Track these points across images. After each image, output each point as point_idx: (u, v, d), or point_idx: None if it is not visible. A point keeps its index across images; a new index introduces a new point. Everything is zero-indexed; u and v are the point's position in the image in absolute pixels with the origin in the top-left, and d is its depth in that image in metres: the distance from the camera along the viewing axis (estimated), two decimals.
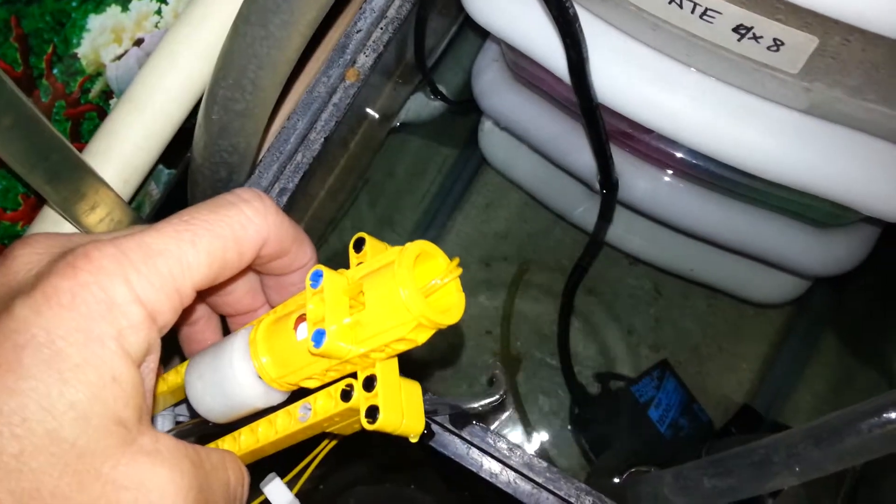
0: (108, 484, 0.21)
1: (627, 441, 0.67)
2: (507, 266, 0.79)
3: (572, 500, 0.39)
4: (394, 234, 0.76)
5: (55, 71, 0.43)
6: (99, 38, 0.44)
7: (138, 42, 0.47)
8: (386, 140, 0.62)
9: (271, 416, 0.28)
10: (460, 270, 0.24)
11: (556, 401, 0.75)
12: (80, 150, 0.44)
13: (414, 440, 0.27)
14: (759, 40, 0.38)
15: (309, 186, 0.50)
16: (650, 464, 0.59)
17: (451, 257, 0.25)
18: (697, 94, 0.45)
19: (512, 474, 0.40)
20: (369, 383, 0.25)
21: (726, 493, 0.42)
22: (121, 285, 0.22)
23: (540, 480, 0.39)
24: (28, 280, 0.22)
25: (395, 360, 0.26)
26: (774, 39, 0.38)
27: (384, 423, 0.25)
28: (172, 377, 0.31)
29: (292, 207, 0.48)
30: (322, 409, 0.26)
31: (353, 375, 0.26)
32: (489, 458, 0.40)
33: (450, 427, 0.40)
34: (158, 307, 0.23)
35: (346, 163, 0.55)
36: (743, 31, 0.38)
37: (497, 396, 0.33)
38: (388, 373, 0.26)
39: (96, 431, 0.21)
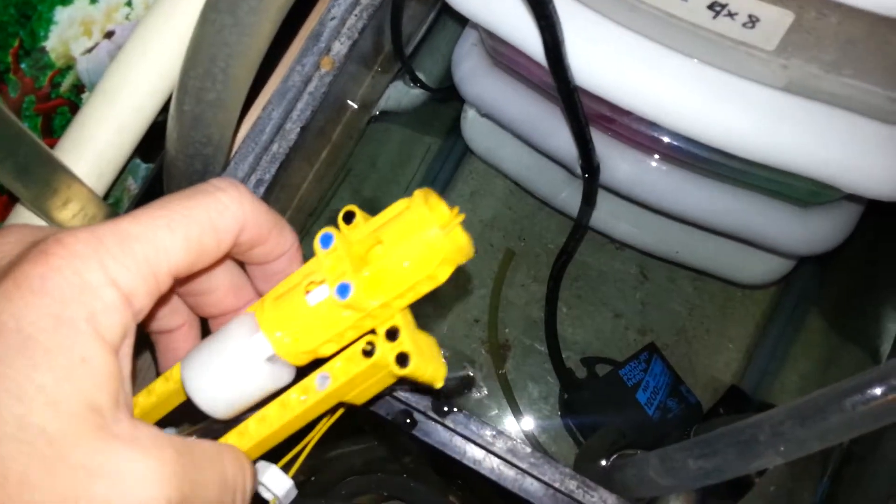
0: (81, 471, 0.20)
1: (615, 424, 0.67)
2: (493, 253, 0.78)
3: (556, 484, 0.39)
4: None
5: (23, 65, 0.42)
6: (67, 31, 0.43)
7: (109, 34, 0.46)
8: (366, 129, 0.61)
9: (282, 396, 0.27)
10: (463, 216, 0.25)
11: (545, 387, 0.75)
12: (53, 146, 0.44)
13: (440, 385, 0.28)
14: (733, 17, 0.38)
15: (288, 177, 0.49)
16: (638, 446, 0.59)
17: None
18: (675, 75, 0.45)
19: (496, 460, 0.39)
20: (393, 333, 0.26)
21: (712, 474, 0.42)
22: (95, 268, 0.21)
23: (524, 466, 0.39)
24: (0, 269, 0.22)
25: (410, 312, 0.27)
26: (749, 16, 0.38)
27: (415, 368, 0.25)
28: (161, 386, 0.29)
29: (271, 198, 0.48)
30: (343, 371, 0.26)
31: (370, 335, 0.26)
32: (472, 445, 0.40)
33: (432, 415, 0.40)
34: (134, 290, 0.22)
35: (326, 153, 0.54)
36: (717, 9, 0.38)
37: (463, 373, 0.33)
38: (407, 323, 0.26)
39: (68, 417, 0.20)
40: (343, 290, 0.24)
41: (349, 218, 0.27)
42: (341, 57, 0.46)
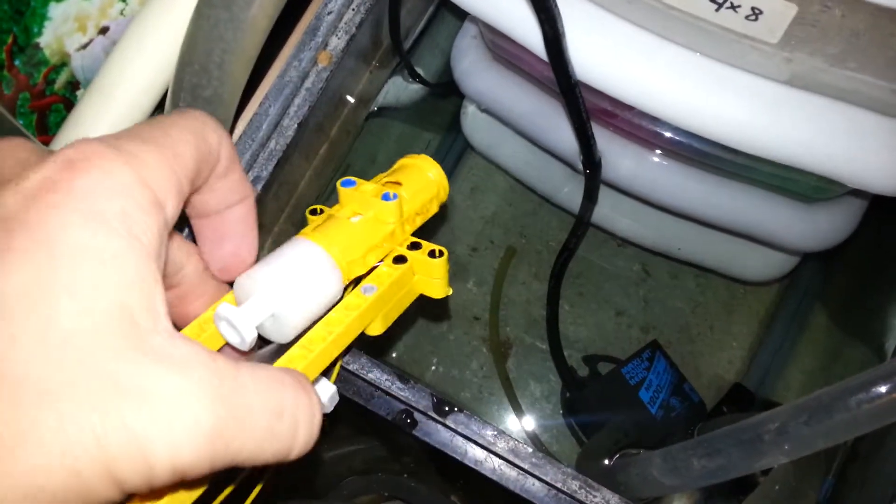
0: (108, 384, 0.18)
1: (618, 423, 0.66)
2: (494, 251, 0.78)
3: (559, 485, 0.38)
4: None
5: (17, 62, 0.41)
6: (62, 27, 0.43)
7: (103, 30, 0.46)
8: (365, 125, 0.61)
9: (343, 300, 0.30)
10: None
11: (547, 385, 0.75)
12: (48, 144, 0.43)
13: (449, 292, 0.34)
14: (736, 10, 0.38)
15: (286, 174, 0.49)
16: (641, 445, 0.59)
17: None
18: (677, 69, 0.44)
19: (497, 461, 0.39)
20: (415, 245, 0.33)
21: (716, 473, 0.42)
22: (124, 170, 0.20)
23: (525, 466, 0.39)
24: (14, 172, 0.20)
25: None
26: (752, 8, 0.37)
27: (445, 260, 0.32)
28: (199, 328, 0.28)
29: (269, 196, 0.47)
30: (386, 276, 0.31)
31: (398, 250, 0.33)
32: (473, 445, 0.39)
33: (433, 415, 0.40)
34: (164, 193, 0.21)
35: (324, 149, 0.54)
36: (720, 1, 0.37)
37: None
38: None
39: (98, 321, 0.18)
40: (387, 196, 0.31)
41: (347, 184, 0.33)
42: (339, 52, 0.45)
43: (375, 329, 0.32)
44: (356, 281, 0.31)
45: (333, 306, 0.29)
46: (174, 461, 0.18)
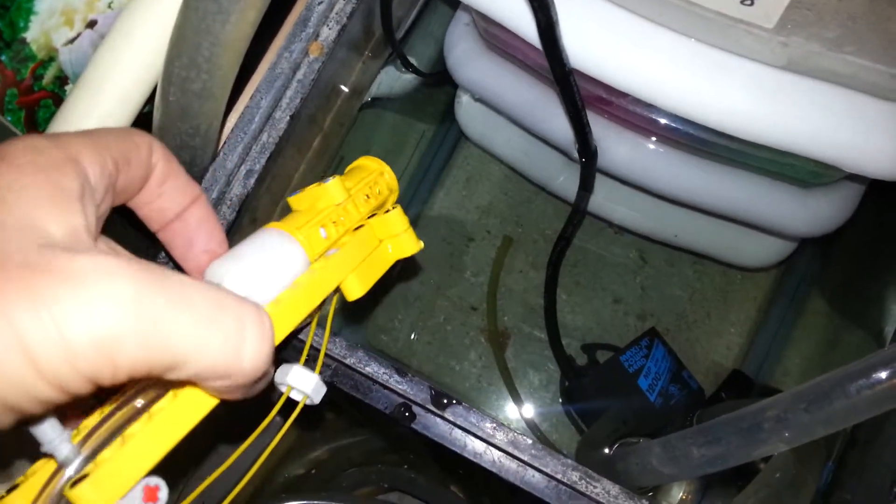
0: (24, 272, 0.18)
1: (617, 411, 0.66)
2: (490, 240, 0.77)
3: (559, 476, 0.38)
4: None
5: (3, 58, 0.41)
6: (48, 21, 0.42)
7: (91, 24, 0.45)
8: (359, 116, 0.60)
9: (310, 267, 0.32)
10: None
11: (545, 375, 0.75)
12: None
13: (421, 246, 0.37)
14: None
15: (279, 167, 0.48)
16: (641, 434, 0.59)
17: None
18: (673, 55, 0.44)
19: (497, 453, 0.39)
20: (371, 216, 0.36)
21: (715, 462, 0.42)
22: (53, 148, 0.23)
23: (525, 458, 0.38)
24: None
25: None
26: None
27: (400, 211, 0.36)
28: None
29: (262, 189, 0.47)
30: (348, 241, 0.34)
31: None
32: (472, 438, 0.39)
33: (431, 408, 0.39)
34: (87, 163, 0.23)
35: (318, 141, 0.53)
36: None
37: None
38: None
39: (13, 224, 0.20)
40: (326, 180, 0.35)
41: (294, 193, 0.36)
42: (330, 42, 0.45)
43: (353, 292, 0.34)
44: None
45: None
46: (93, 334, 0.18)
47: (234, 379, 0.22)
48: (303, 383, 0.31)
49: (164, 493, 0.24)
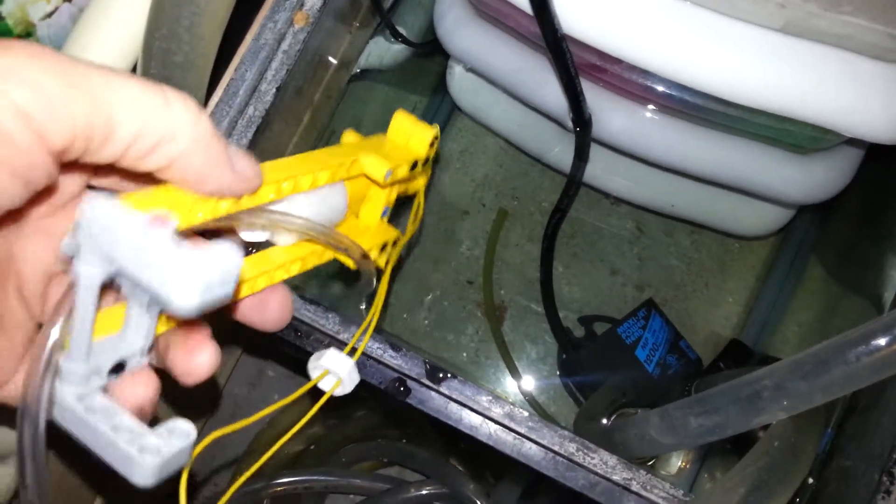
0: None
1: (615, 383, 0.66)
2: (486, 213, 0.77)
3: (556, 448, 0.38)
4: None
5: None
6: None
7: None
8: (349, 89, 0.59)
9: None
10: None
11: (543, 347, 0.74)
12: None
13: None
14: None
15: (267, 141, 0.47)
16: (639, 405, 0.58)
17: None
18: (667, 19, 0.43)
19: (493, 426, 0.38)
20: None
21: (713, 431, 0.41)
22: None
23: (522, 430, 0.38)
24: None
25: None
26: None
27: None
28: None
29: None
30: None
31: None
32: (468, 412, 0.39)
33: (426, 382, 0.39)
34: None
35: (307, 114, 0.52)
36: None
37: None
38: None
39: None
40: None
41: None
42: (315, 11, 0.44)
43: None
44: None
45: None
46: (15, 102, 0.19)
47: (173, 146, 0.22)
48: (338, 367, 0.31)
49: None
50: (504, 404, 0.38)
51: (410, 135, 0.38)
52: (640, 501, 0.37)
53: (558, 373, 0.73)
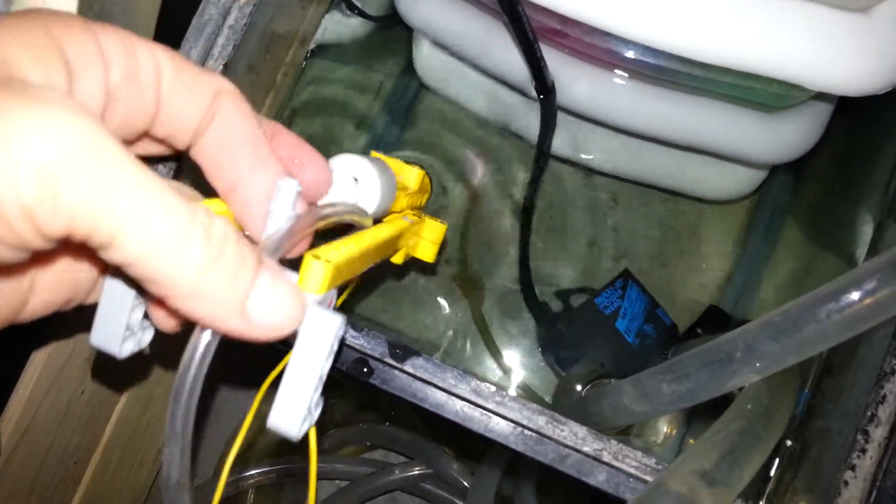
0: None
1: (594, 355, 0.65)
2: (460, 190, 0.75)
3: (524, 422, 0.37)
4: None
5: None
6: None
7: None
8: (308, 67, 0.57)
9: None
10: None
11: (522, 323, 0.74)
12: None
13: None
14: None
15: None
16: (620, 375, 0.58)
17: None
18: None
19: (459, 403, 0.37)
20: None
21: (686, 397, 0.41)
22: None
23: (489, 406, 0.37)
24: None
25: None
26: None
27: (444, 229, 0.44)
28: None
29: None
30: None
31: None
32: (433, 389, 0.38)
33: (390, 362, 0.38)
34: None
35: (261, 93, 0.51)
36: None
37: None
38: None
39: None
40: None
41: None
42: None
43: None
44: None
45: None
46: (39, 159, 0.17)
47: (173, 284, 0.19)
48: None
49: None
50: (470, 380, 0.37)
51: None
52: (611, 472, 0.36)
53: (539, 348, 0.73)
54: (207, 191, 0.28)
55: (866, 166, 0.60)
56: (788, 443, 0.48)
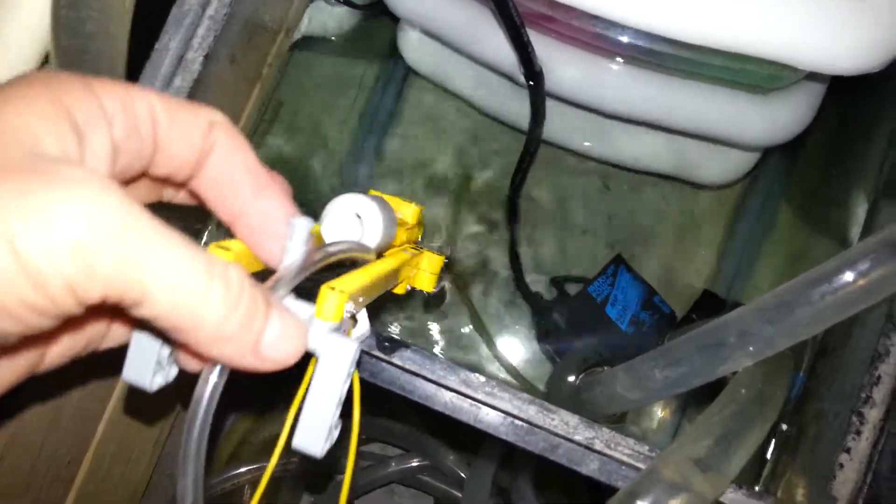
0: None
1: (590, 343, 0.65)
2: (449, 179, 0.75)
3: (514, 411, 0.36)
4: (327, 157, 0.71)
5: None
6: None
7: None
8: (293, 58, 0.57)
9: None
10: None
11: (516, 311, 0.73)
12: None
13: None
14: None
15: None
16: (615, 363, 0.57)
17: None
18: None
19: (448, 394, 0.37)
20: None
21: (679, 383, 0.40)
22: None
23: (479, 396, 0.37)
24: None
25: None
26: None
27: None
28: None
29: None
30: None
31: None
32: (422, 381, 0.37)
33: (377, 354, 0.37)
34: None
35: (245, 84, 0.50)
36: None
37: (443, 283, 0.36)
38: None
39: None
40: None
41: None
42: None
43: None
44: None
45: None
46: (76, 236, 0.19)
47: (197, 332, 0.21)
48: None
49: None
50: (460, 371, 0.37)
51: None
52: (603, 460, 0.36)
53: (535, 336, 0.72)
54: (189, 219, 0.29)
55: (859, 147, 0.59)
56: (784, 427, 0.48)
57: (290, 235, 0.28)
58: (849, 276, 0.36)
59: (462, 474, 0.74)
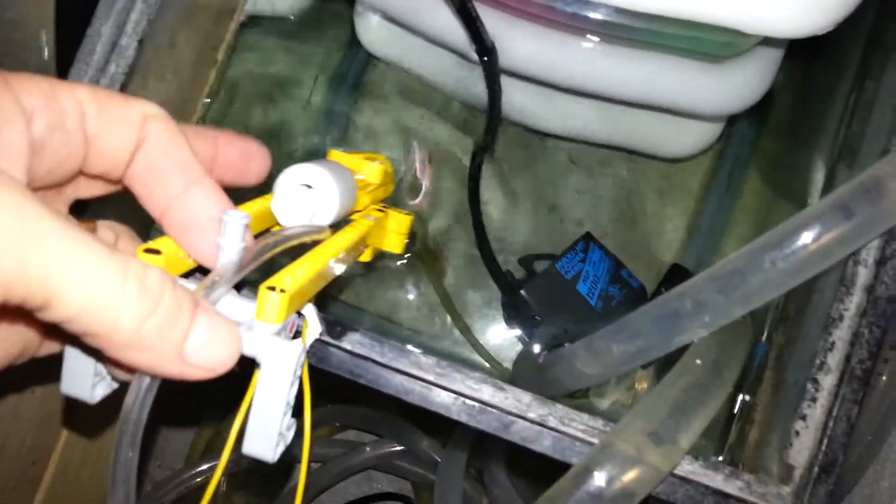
0: None
1: (559, 320, 0.64)
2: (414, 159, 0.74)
3: (466, 392, 0.36)
4: (289, 145, 0.70)
5: None
6: None
7: None
8: (242, 40, 0.55)
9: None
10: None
11: (486, 292, 0.72)
12: None
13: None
14: None
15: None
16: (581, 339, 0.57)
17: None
18: None
19: (399, 377, 0.36)
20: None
21: (637, 356, 0.40)
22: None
23: (430, 378, 0.36)
24: None
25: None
26: None
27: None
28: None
29: None
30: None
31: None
32: (372, 364, 0.36)
33: (326, 339, 0.37)
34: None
35: (190, 70, 0.49)
36: None
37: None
38: None
39: None
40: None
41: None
42: None
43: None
44: None
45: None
46: None
47: (111, 337, 0.20)
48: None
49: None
50: (410, 353, 0.36)
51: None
52: (556, 437, 0.35)
53: (504, 316, 0.72)
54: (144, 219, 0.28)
55: (819, 112, 0.59)
56: (747, 397, 0.47)
57: (222, 231, 0.26)
58: (798, 241, 0.36)
59: (437, 458, 0.73)
